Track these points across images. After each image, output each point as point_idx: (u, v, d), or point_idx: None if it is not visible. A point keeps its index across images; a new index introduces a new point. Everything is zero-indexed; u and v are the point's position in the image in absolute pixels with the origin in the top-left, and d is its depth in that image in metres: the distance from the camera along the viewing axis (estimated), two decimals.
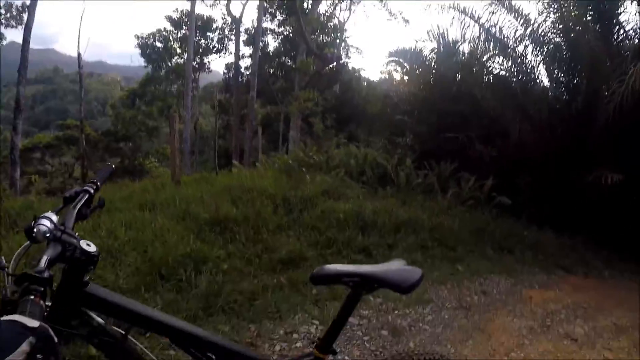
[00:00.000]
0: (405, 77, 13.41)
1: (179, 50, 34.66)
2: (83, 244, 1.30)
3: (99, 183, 1.66)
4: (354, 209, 7.04)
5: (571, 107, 9.91)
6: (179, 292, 4.44)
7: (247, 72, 30.16)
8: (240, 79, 29.29)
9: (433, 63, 11.94)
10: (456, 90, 11.38)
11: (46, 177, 26.94)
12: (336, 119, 20.04)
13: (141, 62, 35.07)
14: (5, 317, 0.92)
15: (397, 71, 14.13)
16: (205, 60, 35.67)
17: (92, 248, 1.31)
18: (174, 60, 34.84)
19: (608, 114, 8.18)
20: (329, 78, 26.85)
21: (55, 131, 33.95)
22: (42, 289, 1.12)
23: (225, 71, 35.58)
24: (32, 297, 1.08)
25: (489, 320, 5.04)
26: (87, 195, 1.57)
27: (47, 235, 1.25)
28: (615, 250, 8.81)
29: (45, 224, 1.26)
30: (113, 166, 1.89)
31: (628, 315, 5.60)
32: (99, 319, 1.46)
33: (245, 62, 32.16)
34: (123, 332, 1.52)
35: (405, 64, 12.71)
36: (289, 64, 30.34)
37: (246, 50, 31.93)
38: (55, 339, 0.98)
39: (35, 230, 1.25)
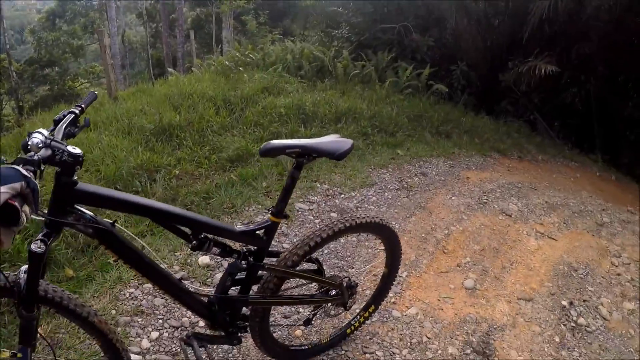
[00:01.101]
0: None
1: None
2: (69, 148, 1.52)
3: (83, 106, 1.88)
4: (294, 103, 7.21)
5: (508, 1, 10.13)
6: None
7: None
8: None
9: None
10: None
11: None
12: (269, 14, 19.55)
13: None
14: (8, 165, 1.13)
15: None
16: None
17: (77, 150, 1.53)
18: None
19: (543, 10, 8.49)
20: None
21: None
22: (33, 168, 1.32)
23: None
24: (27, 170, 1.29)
25: (429, 199, 5.44)
26: (72, 116, 1.79)
27: (40, 145, 1.45)
28: (549, 136, 9.34)
29: (37, 136, 1.47)
30: (96, 93, 2.06)
31: (559, 195, 6.11)
32: (90, 212, 1.72)
33: None
34: (111, 222, 1.79)
35: None
36: None
37: None
38: (38, 189, 1.20)
39: (29, 143, 1.45)
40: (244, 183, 5.17)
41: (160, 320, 3.15)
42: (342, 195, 5.24)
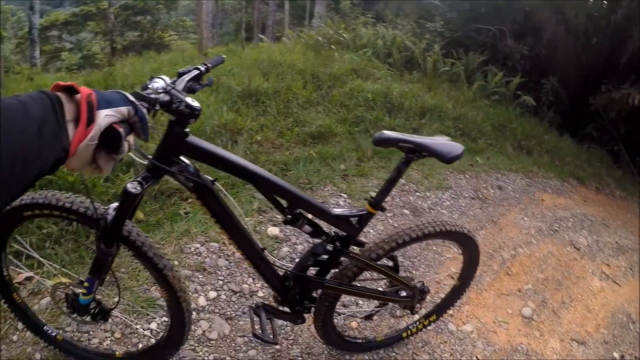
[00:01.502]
0: None
1: None
2: (188, 99, 1.49)
3: (209, 65, 1.87)
4: (381, 90, 7.08)
5: (610, 19, 9.70)
6: None
7: None
8: None
9: None
10: None
11: (64, 53, 26.82)
12: None
13: None
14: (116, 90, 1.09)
15: None
16: None
17: (196, 103, 1.50)
18: None
19: None
20: None
21: (71, 7, 33.14)
22: (147, 105, 1.30)
23: None
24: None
25: (502, 214, 5.26)
26: (196, 72, 1.77)
27: (159, 90, 1.44)
28: (630, 172, 8.94)
29: (159, 81, 1.46)
30: (224, 57, 2.09)
31: (630, 237, 5.77)
32: (194, 166, 1.72)
33: None
34: (212, 179, 1.79)
35: None
36: None
37: None
38: (147, 119, 1.15)
39: (150, 85, 1.44)
40: (322, 161, 5.12)
41: (221, 282, 3.16)
42: (417, 194, 5.13)
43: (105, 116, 0.98)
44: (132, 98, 1.10)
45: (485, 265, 4.17)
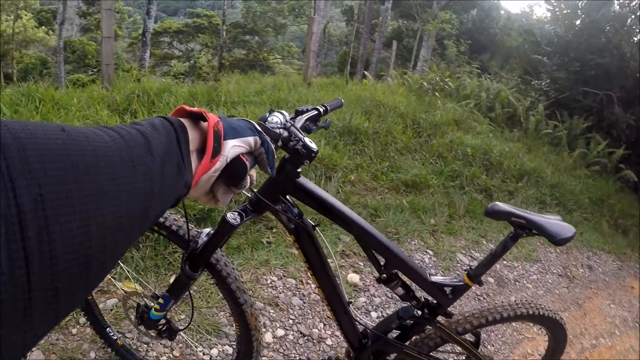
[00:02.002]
0: (548, 15, 12.63)
1: None
2: (306, 139, 1.42)
3: (328, 108, 1.81)
4: (481, 146, 6.89)
5: None
6: None
7: None
8: None
9: (582, 4, 11.03)
10: (604, 42, 10.56)
11: (172, 60, 28.25)
12: (470, 45, 19.17)
13: None
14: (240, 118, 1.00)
15: (540, 6, 13.35)
16: None
17: (313, 145, 1.43)
18: None
19: None
20: (469, 1, 25.81)
21: (183, 18, 34.82)
22: (270, 139, 1.20)
23: None
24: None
25: (588, 298, 4.92)
26: (315, 113, 1.72)
27: (278, 125, 1.38)
28: None
29: (278, 116, 1.40)
30: (342, 101, 1.98)
31: None
32: (298, 208, 1.68)
33: None
34: (314, 224, 1.75)
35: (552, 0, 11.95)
36: None
37: None
38: (274, 151, 1.06)
39: (269, 119, 1.38)
40: (413, 212, 4.98)
41: (291, 321, 3.07)
42: (505, 262, 4.88)
43: (232, 147, 0.89)
44: (259, 128, 1.01)
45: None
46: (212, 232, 1.67)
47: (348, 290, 3.51)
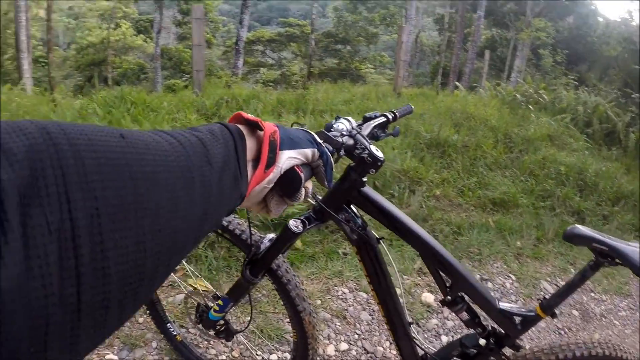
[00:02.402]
0: None
1: None
2: (372, 147, 1.39)
3: (397, 114, 1.77)
4: (576, 164, 6.49)
5: None
6: None
7: None
8: None
9: None
10: None
11: (264, 68, 29.17)
12: (567, 55, 18.40)
13: None
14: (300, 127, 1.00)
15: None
16: None
17: (380, 154, 1.39)
18: None
19: None
20: (563, 7, 24.92)
21: (276, 27, 35.79)
22: (332, 148, 1.27)
23: None
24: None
25: None
26: (383, 119, 1.68)
27: (344, 132, 1.37)
28: None
29: (344, 123, 1.39)
30: (412, 107, 1.95)
31: None
32: (362, 219, 1.64)
33: None
34: (378, 237, 1.70)
35: None
36: None
37: None
38: (333, 163, 1.02)
39: (334, 126, 1.37)
40: (498, 233, 4.74)
41: (357, 336, 2.98)
42: (592, 295, 4.52)
43: (288, 158, 0.86)
44: (318, 139, 0.97)
45: None
46: (275, 238, 1.68)
47: (420, 310, 3.37)
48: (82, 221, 0.39)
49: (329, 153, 0.99)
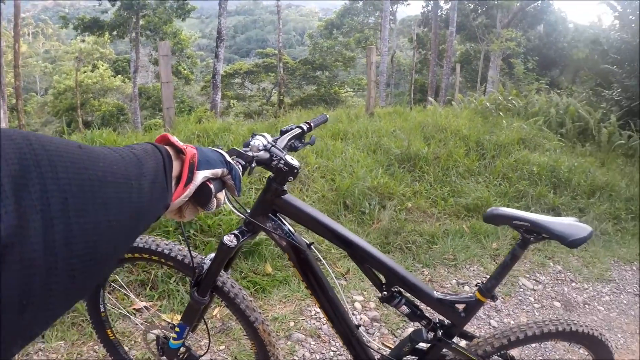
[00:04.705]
0: (617, 22, 12.23)
1: None
2: (287, 157, 1.52)
3: (312, 124, 1.88)
4: (549, 163, 6.60)
5: None
6: (360, 225, 4.50)
7: (447, 6, 28.84)
8: (439, 13, 28.40)
9: None
10: None
11: (245, 100, 29.30)
12: (538, 62, 18.57)
13: None
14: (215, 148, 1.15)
15: (607, 14, 12.99)
16: None
17: (295, 162, 1.53)
18: None
19: None
20: (533, 17, 25.43)
21: (255, 59, 36.12)
22: (243, 162, 1.34)
23: (424, 4, 34.60)
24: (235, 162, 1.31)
25: None
26: (299, 131, 1.77)
27: (260, 147, 1.48)
28: None
29: (260, 139, 1.51)
30: (327, 116, 2.07)
31: None
32: (290, 226, 1.73)
33: None
34: (309, 242, 1.77)
35: (618, 7, 11.53)
36: None
37: None
38: (241, 176, 1.20)
39: (251, 143, 1.48)
40: (473, 237, 4.80)
41: (332, 353, 2.99)
42: (573, 284, 4.58)
43: (202, 177, 1.03)
44: (228, 159, 1.16)
45: None
46: (214, 256, 1.74)
47: (398, 319, 3.38)
48: (56, 206, 0.52)
49: (237, 168, 1.16)
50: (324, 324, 3.19)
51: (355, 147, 5.72)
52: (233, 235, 1.67)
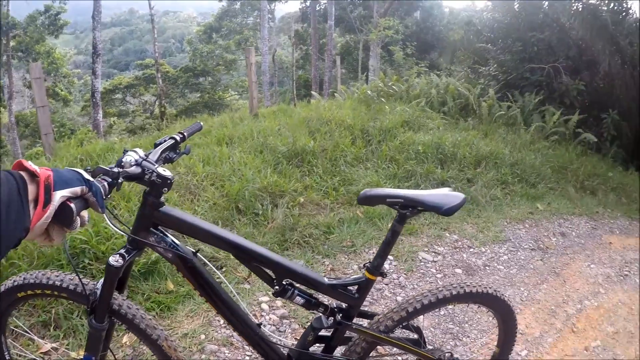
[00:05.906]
0: (489, 3, 12.90)
1: None
2: (159, 169, 1.52)
3: (186, 134, 1.90)
4: (433, 141, 6.90)
5: None
6: (256, 226, 4.50)
7: (324, 1, 29.39)
8: (317, 8, 28.61)
9: None
10: (542, 17, 10.96)
11: (128, 116, 28.30)
12: (417, 47, 19.08)
13: None
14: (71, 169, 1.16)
15: None
16: None
17: (167, 173, 1.53)
18: None
19: None
20: (409, 4, 26.21)
21: (135, 71, 35.05)
22: (110, 179, 1.35)
23: (302, 0, 35.06)
24: (101, 179, 1.33)
25: (565, 264, 4.86)
26: (172, 141, 1.80)
27: (132, 163, 1.49)
28: None
29: (131, 155, 1.52)
30: (202, 124, 2.09)
31: None
32: (172, 238, 1.73)
33: None
34: (194, 251, 1.78)
35: None
36: None
37: None
38: (103, 196, 1.26)
39: (123, 160, 1.49)
40: (369, 221, 4.93)
41: (248, 358, 2.99)
42: (471, 250, 4.82)
43: (60, 197, 1.04)
44: (87, 176, 1.17)
45: (546, 324, 3.79)
46: (103, 280, 1.71)
47: (307, 314, 3.41)
48: None
49: (98, 185, 1.19)
50: (235, 331, 3.18)
51: (242, 150, 5.70)
52: (118, 255, 1.64)
